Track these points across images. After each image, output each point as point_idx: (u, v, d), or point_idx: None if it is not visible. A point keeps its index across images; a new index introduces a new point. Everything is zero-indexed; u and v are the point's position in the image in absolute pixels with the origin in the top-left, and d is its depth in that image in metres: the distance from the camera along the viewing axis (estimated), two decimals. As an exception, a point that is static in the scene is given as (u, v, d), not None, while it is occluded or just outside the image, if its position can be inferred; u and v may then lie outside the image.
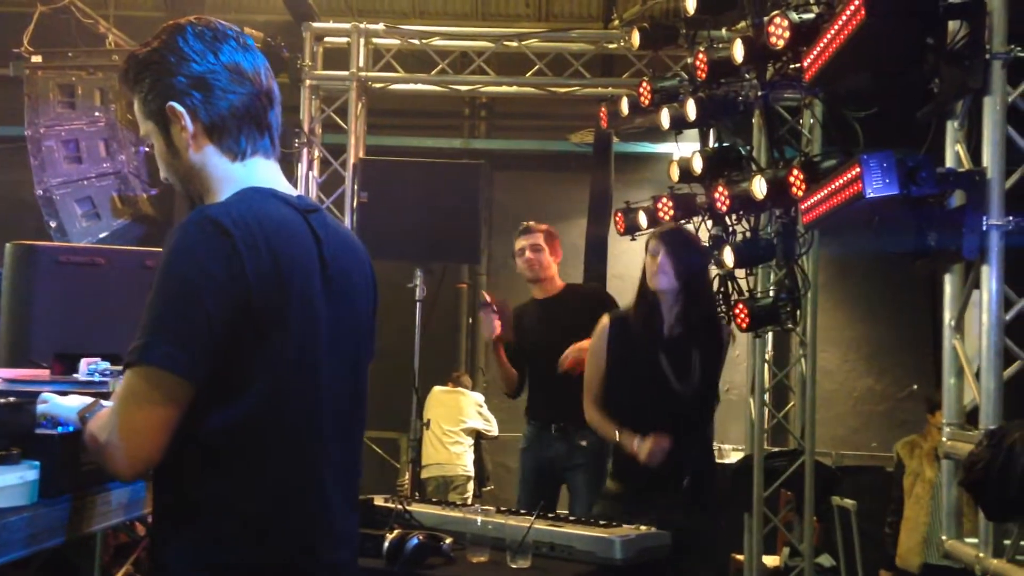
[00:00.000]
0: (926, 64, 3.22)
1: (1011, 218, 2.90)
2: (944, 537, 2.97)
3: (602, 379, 3.42)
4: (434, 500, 3.53)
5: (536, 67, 6.82)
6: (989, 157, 2.94)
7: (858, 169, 3.03)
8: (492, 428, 7.10)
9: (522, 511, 3.02)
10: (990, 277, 2.84)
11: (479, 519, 2.78)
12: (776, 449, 5.54)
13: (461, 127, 8.63)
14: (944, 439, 2.97)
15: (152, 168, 7.05)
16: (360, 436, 1.69)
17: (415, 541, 2.48)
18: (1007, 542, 2.70)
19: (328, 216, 1.68)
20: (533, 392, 4.34)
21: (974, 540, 2.88)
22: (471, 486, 6.96)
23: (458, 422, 6.98)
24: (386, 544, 2.47)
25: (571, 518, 2.96)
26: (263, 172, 1.60)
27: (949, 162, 3.18)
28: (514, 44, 6.88)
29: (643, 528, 2.83)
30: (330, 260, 1.58)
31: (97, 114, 6.48)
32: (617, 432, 3.31)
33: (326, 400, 1.54)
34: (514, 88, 7.05)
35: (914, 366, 7.33)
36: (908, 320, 7.26)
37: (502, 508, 3.12)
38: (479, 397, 7.24)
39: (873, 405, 7.69)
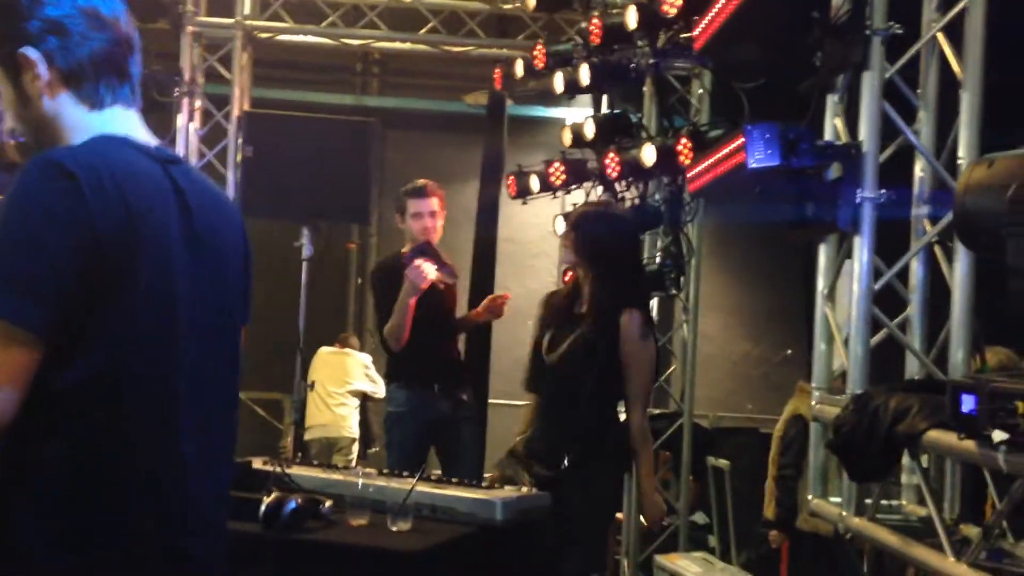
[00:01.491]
0: (811, 37, 3.30)
1: (884, 191, 3.01)
2: (810, 496, 3.10)
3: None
4: (316, 463, 3.48)
5: (430, 24, 6.71)
6: (865, 131, 3.03)
7: (742, 140, 3.10)
8: (379, 390, 7.03)
9: (404, 473, 3.00)
10: (862, 248, 2.95)
11: (360, 481, 2.75)
12: (657, 411, 5.67)
13: (353, 83, 8.43)
14: (813, 403, 3.09)
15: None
16: (231, 400, 1.62)
17: (293, 504, 2.43)
18: (868, 501, 2.84)
19: (192, 169, 1.60)
20: (411, 354, 4.15)
21: (838, 499, 3.01)
22: (356, 448, 6.90)
23: (344, 384, 6.90)
24: (263, 508, 2.41)
25: (453, 480, 2.96)
26: (121, 121, 1.51)
27: (828, 135, 3.28)
28: (408, 0, 6.75)
29: (524, 490, 2.85)
30: (194, 214, 1.50)
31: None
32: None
33: (185, 360, 1.46)
34: (407, 45, 6.92)
35: (790, 332, 7.61)
36: (785, 287, 7.52)
37: (385, 470, 3.10)
38: (366, 358, 7.16)
39: (750, 369, 7.97)
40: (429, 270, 3.97)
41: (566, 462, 3.21)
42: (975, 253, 2.66)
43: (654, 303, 5.75)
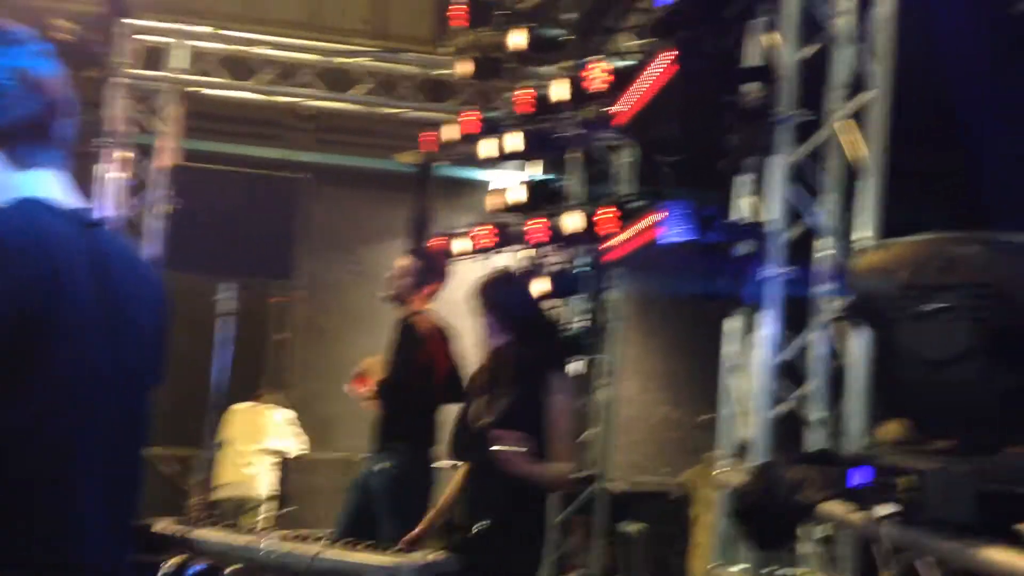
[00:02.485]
0: (725, 120, 3.47)
1: (789, 269, 3.14)
2: (711, 564, 3.16)
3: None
4: (223, 524, 3.41)
5: (365, 85, 6.79)
6: (772, 212, 3.17)
7: (658, 215, 3.21)
8: (292, 448, 6.91)
9: (318, 536, 2.96)
10: (767, 322, 3.06)
11: (263, 545, 2.71)
12: (572, 475, 5.71)
13: (284, 137, 8.44)
14: (718, 471, 3.17)
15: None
16: (137, 460, 1.63)
17: (194, 569, 2.40)
18: (764, 571, 2.90)
19: (113, 232, 1.63)
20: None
21: (743, 566, 3.07)
22: (265, 508, 6.74)
23: (256, 441, 6.77)
24: (160, 572, 2.37)
25: (366, 544, 2.93)
26: (44, 184, 1.53)
27: (740, 213, 3.42)
28: (341, 60, 6.82)
29: (431, 555, 2.84)
30: (110, 278, 1.52)
31: None
32: None
33: (95, 422, 1.48)
34: (340, 104, 6.98)
35: (707, 397, 7.73)
36: (703, 354, 7.65)
37: (298, 533, 3.05)
38: (289, 414, 7.05)
39: (669, 433, 8.06)
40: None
41: (477, 528, 3.20)
42: (862, 333, 2.79)
43: (575, 367, 5.84)
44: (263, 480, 6.73)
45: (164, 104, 6.51)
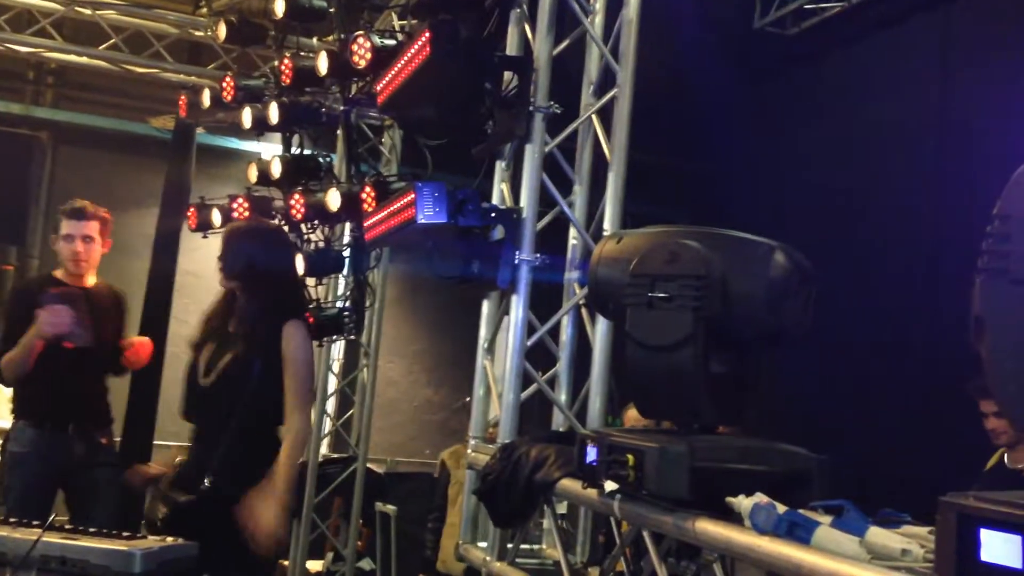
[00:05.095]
0: (483, 106, 3.52)
1: (540, 255, 3.26)
2: (460, 541, 3.24)
3: None
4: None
5: (111, 40, 6.32)
6: (526, 199, 3.27)
7: (412, 195, 3.22)
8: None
9: (33, 522, 2.74)
10: (518, 305, 3.16)
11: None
12: (333, 455, 5.66)
13: (23, 91, 7.70)
14: (468, 451, 3.24)
15: None
16: None
17: None
18: (510, 546, 3.01)
19: None
20: (40, 389, 3.85)
21: (485, 544, 3.17)
22: None
23: None
24: None
25: (90, 530, 2.75)
26: None
27: (495, 198, 3.50)
28: (88, 12, 6.31)
29: (169, 540, 2.72)
30: None
31: None
32: None
33: None
34: (85, 59, 6.46)
35: (467, 379, 7.92)
36: (464, 336, 7.83)
37: (9, 519, 2.81)
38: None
39: (431, 414, 8.18)
40: (63, 321, 3.69)
41: (206, 483, 3.06)
42: (604, 318, 2.95)
43: (338, 347, 5.77)
44: None
45: None
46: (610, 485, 2.14)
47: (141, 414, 5.63)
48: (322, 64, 4.73)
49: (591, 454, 2.29)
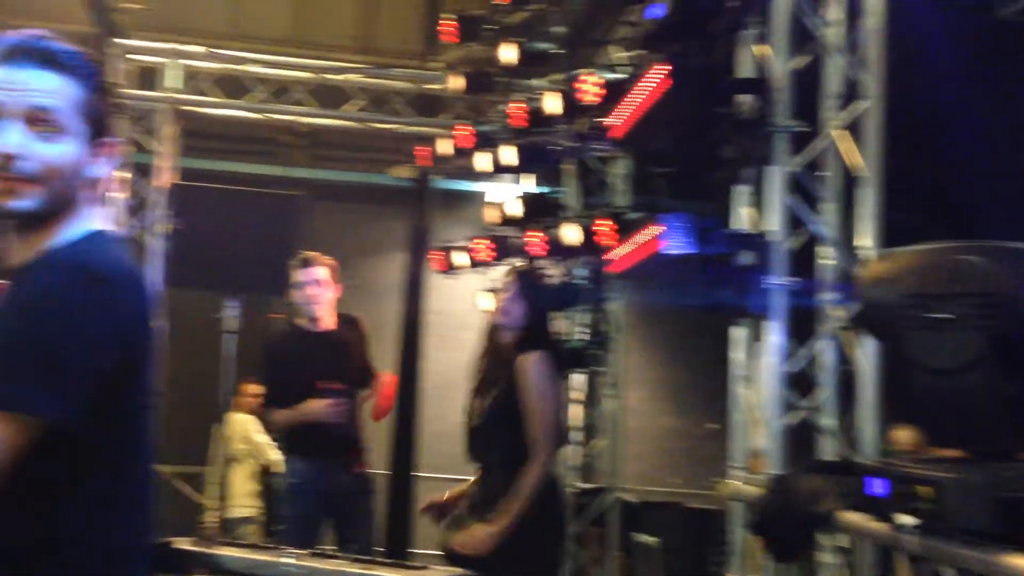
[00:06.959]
0: (719, 132, 3.50)
1: (792, 279, 3.18)
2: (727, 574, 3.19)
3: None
4: (243, 542, 3.42)
5: (356, 101, 6.82)
6: (772, 221, 3.20)
7: (658, 227, 3.24)
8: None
9: (331, 552, 2.97)
10: (774, 332, 3.09)
11: (284, 561, 2.72)
12: (585, 486, 5.73)
13: (278, 154, 8.46)
14: (732, 482, 3.19)
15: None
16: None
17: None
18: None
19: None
20: (308, 427, 4.14)
21: (758, 576, 3.10)
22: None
23: (258, 454, 6.73)
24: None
25: (381, 560, 2.94)
26: (96, 213, 1.56)
27: (738, 224, 3.45)
28: (336, 78, 6.85)
29: (455, 570, 2.86)
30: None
31: None
32: None
33: (151, 438, 1.56)
34: (333, 121, 7.01)
35: (711, 406, 7.78)
36: (704, 363, 7.71)
37: (318, 550, 3.06)
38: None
39: (675, 443, 8.09)
40: (341, 412, 4.10)
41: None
42: (873, 341, 2.82)
43: (580, 379, 5.86)
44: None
45: (160, 124, 6.52)
46: (904, 518, 2.04)
47: (403, 448, 5.97)
48: (553, 104, 4.88)
49: (877, 485, 2.20)
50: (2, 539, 1.42)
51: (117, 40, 6.46)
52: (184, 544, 2.83)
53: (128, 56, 6.58)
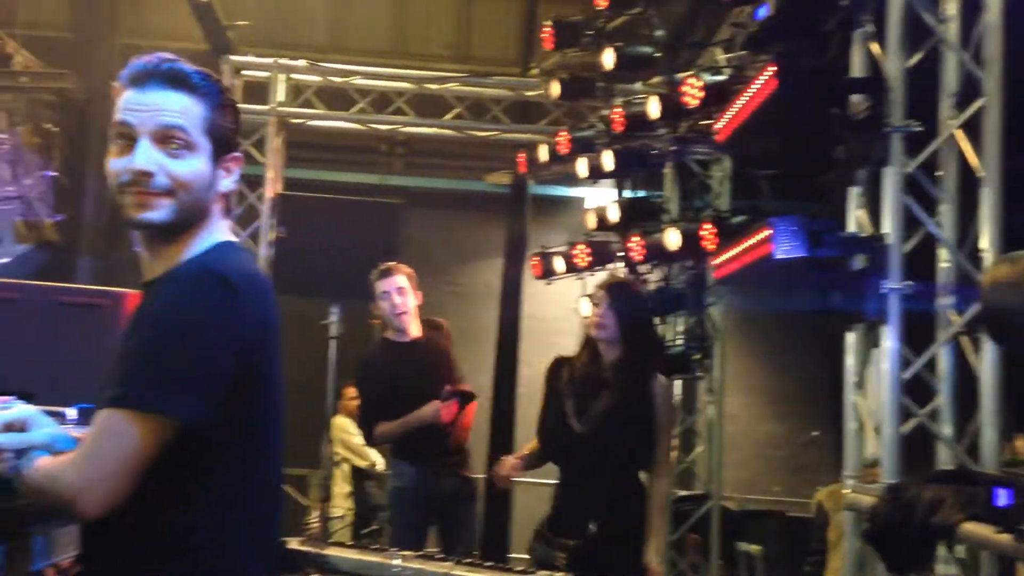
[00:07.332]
0: (831, 133, 3.42)
1: (909, 282, 3.09)
2: (845, 586, 3.12)
3: (540, 416, 3.48)
4: (353, 542, 3.50)
5: (455, 110, 6.91)
6: (888, 224, 3.12)
7: (768, 231, 3.19)
8: (380, 462, 6.97)
9: (438, 554, 3.01)
10: (890, 337, 3.01)
11: (395, 563, 2.77)
12: (684, 493, 5.67)
13: (377, 163, 8.64)
14: (846, 491, 3.12)
15: (59, 193, 6.83)
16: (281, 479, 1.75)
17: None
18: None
19: None
20: (415, 432, 4.18)
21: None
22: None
23: (360, 456, 6.86)
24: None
25: (488, 563, 2.97)
26: (223, 226, 1.65)
27: (851, 226, 3.37)
28: (434, 87, 6.96)
29: (560, 574, 2.87)
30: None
31: (2, 136, 6.27)
32: None
33: (279, 442, 1.62)
34: (433, 130, 7.12)
35: (814, 413, 7.61)
36: (807, 368, 7.55)
37: (426, 552, 3.10)
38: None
39: (776, 450, 7.93)
40: (451, 412, 4.14)
41: (592, 528, 3.19)
42: (1001, 347, 2.72)
43: (679, 384, 5.81)
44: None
45: (267, 136, 6.74)
46: (1034, 530, 1.97)
47: (500, 452, 6.00)
48: (653, 108, 4.85)
49: (1004, 496, 2.12)
50: (132, 536, 1.48)
51: (230, 57, 6.70)
52: (295, 544, 2.91)
53: (240, 72, 6.82)
